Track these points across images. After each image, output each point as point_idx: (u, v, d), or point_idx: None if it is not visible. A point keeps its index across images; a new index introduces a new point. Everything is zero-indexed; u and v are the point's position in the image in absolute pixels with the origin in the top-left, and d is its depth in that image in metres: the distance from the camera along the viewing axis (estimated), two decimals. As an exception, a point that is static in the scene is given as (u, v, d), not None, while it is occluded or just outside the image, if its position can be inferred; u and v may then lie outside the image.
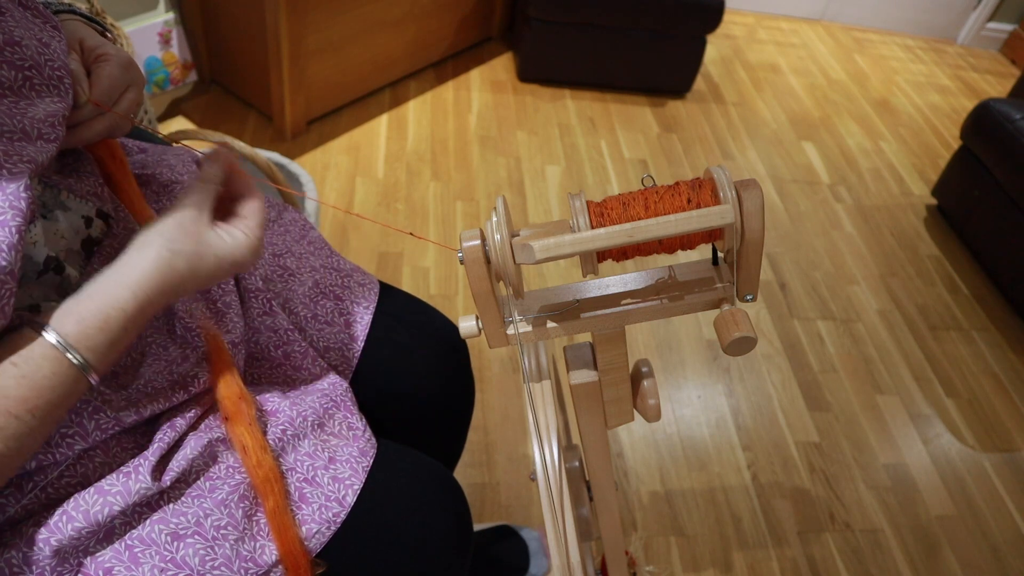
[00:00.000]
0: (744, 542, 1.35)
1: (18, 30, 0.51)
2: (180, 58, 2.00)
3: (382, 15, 2.04)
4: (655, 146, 2.34)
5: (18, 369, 0.46)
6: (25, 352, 0.47)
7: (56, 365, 0.47)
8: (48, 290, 0.51)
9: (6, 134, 0.48)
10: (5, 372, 0.46)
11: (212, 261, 0.53)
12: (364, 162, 2.01)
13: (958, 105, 2.98)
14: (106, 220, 0.57)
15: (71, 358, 0.48)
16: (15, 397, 0.46)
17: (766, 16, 3.38)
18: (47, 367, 0.47)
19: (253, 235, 0.56)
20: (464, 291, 1.69)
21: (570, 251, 0.50)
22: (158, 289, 0.51)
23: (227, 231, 0.55)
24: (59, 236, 0.53)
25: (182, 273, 0.52)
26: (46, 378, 0.47)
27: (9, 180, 0.46)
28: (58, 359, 0.48)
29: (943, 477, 1.54)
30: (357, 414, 0.70)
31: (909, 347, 1.84)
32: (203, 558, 0.56)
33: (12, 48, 0.50)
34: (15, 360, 0.46)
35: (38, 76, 0.52)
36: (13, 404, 0.46)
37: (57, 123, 0.52)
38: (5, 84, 0.50)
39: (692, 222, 0.49)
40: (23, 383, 0.46)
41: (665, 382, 1.62)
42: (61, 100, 0.53)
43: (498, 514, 1.30)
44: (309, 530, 0.60)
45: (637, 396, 0.67)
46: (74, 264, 0.54)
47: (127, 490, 0.54)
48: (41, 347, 0.47)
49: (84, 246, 0.55)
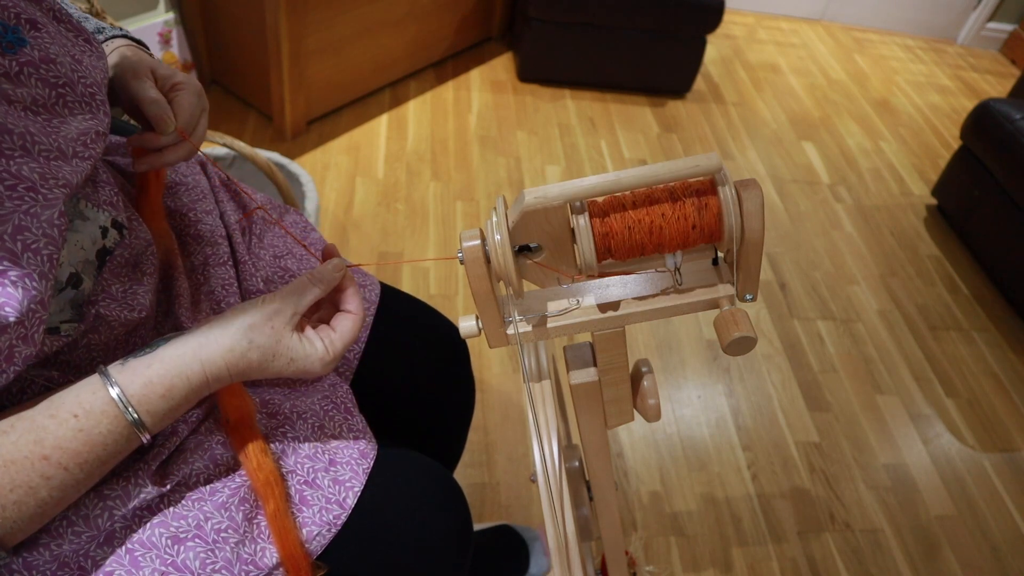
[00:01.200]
0: (744, 542, 1.35)
1: (53, 46, 0.51)
2: (180, 58, 2.00)
3: (382, 15, 2.04)
4: (655, 146, 2.34)
5: (78, 422, 0.47)
6: (88, 406, 0.48)
7: (114, 424, 0.49)
8: (64, 303, 0.51)
9: (43, 152, 0.47)
10: (66, 424, 0.47)
11: (284, 362, 0.54)
12: (364, 162, 2.01)
13: (958, 105, 2.98)
14: (120, 230, 0.57)
15: (130, 418, 0.49)
16: (69, 450, 0.47)
17: (766, 16, 3.38)
18: (105, 424, 0.48)
19: (332, 350, 0.56)
20: (464, 291, 1.69)
21: (559, 197, 0.50)
22: (226, 371, 0.52)
23: (310, 339, 0.55)
24: (79, 247, 0.53)
25: (252, 364, 0.53)
26: (101, 435, 0.48)
27: (44, 207, 0.45)
28: (117, 418, 0.49)
29: (943, 477, 1.54)
30: (357, 416, 0.70)
31: (909, 347, 1.84)
32: (204, 561, 0.56)
33: (47, 65, 0.50)
34: (77, 412, 0.48)
35: (71, 93, 0.51)
36: (66, 456, 0.47)
37: (90, 141, 0.51)
38: (40, 102, 0.49)
39: (681, 171, 0.49)
40: (79, 436, 0.47)
41: (665, 382, 1.62)
42: (93, 117, 0.53)
43: (498, 514, 1.31)
44: (310, 532, 0.60)
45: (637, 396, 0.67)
46: (88, 274, 0.54)
47: (127, 495, 0.54)
48: (103, 404, 0.48)
49: (98, 256, 0.55)
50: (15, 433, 0.46)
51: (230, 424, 0.60)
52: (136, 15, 1.84)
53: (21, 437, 0.46)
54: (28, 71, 0.48)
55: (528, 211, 0.51)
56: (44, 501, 0.47)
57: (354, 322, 0.58)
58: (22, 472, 0.46)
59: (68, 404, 0.48)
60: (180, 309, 0.63)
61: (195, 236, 0.71)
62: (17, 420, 0.47)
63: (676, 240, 0.53)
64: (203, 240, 0.71)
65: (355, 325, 0.58)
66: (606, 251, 0.53)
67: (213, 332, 0.52)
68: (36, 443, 0.46)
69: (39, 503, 0.47)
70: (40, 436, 0.46)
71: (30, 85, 0.48)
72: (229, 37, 1.94)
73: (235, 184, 0.79)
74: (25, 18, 0.50)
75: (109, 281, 0.56)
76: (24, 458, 0.46)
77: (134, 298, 0.57)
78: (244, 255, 0.74)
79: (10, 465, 0.45)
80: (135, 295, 0.58)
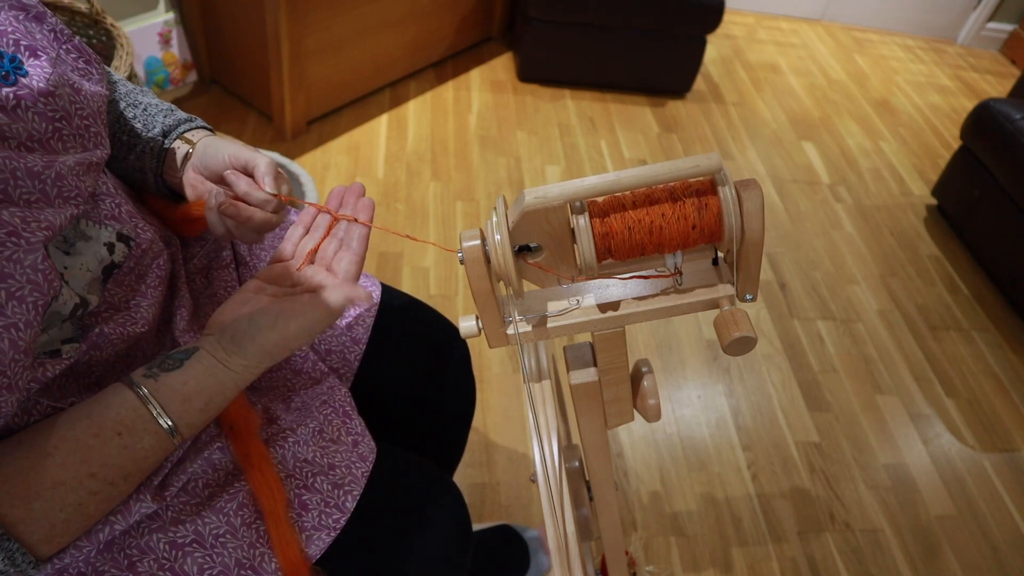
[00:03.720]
0: (744, 542, 1.35)
1: (53, 76, 0.49)
2: (180, 58, 2.00)
3: (382, 15, 2.04)
4: (655, 146, 2.34)
5: (122, 439, 0.48)
6: (129, 423, 0.49)
7: (156, 438, 0.50)
8: (68, 325, 0.51)
9: (24, 196, 0.45)
10: (110, 442, 0.48)
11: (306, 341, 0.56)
12: (364, 162, 2.01)
13: (958, 105, 2.98)
14: (128, 243, 0.56)
15: (170, 432, 0.50)
16: (115, 466, 0.48)
17: (766, 16, 3.38)
18: (148, 440, 0.50)
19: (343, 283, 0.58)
20: (464, 291, 1.69)
21: (559, 197, 0.50)
22: (255, 375, 0.55)
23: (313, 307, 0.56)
24: (85, 269, 0.52)
25: (272, 355, 0.55)
26: (144, 449, 0.50)
27: (27, 251, 0.44)
28: (158, 433, 0.50)
29: (943, 477, 1.54)
30: (357, 419, 0.70)
31: (909, 347, 1.84)
32: (202, 567, 0.56)
33: (46, 99, 0.48)
34: (120, 430, 0.48)
35: (67, 127, 0.50)
36: (112, 472, 0.48)
37: (81, 174, 0.50)
38: (35, 138, 0.47)
39: (681, 171, 0.49)
40: (125, 453, 0.49)
41: (665, 382, 1.62)
42: (85, 150, 0.51)
43: (498, 514, 1.30)
44: (309, 537, 0.60)
45: (637, 396, 0.67)
46: (95, 292, 0.53)
47: (128, 511, 0.54)
48: (144, 421, 0.49)
49: (104, 272, 0.54)
50: (60, 455, 0.46)
51: (232, 431, 0.60)
52: (136, 15, 1.84)
53: (67, 458, 0.47)
54: (26, 104, 0.46)
55: (528, 211, 0.51)
56: (91, 515, 0.48)
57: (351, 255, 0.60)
58: (71, 492, 0.46)
59: (109, 422, 0.48)
60: (180, 321, 0.63)
61: (197, 239, 0.71)
62: (60, 441, 0.47)
63: (676, 240, 0.53)
64: (205, 243, 0.71)
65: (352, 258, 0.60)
66: (606, 251, 0.53)
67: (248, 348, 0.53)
68: (83, 462, 0.47)
69: (86, 518, 0.48)
70: (86, 456, 0.47)
71: (27, 120, 0.46)
72: (229, 37, 1.94)
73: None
74: (25, 45, 0.48)
75: (114, 293, 0.56)
76: (71, 478, 0.46)
77: (137, 311, 0.57)
78: (245, 256, 0.74)
79: (59, 487, 0.46)
80: (138, 307, 0.57)
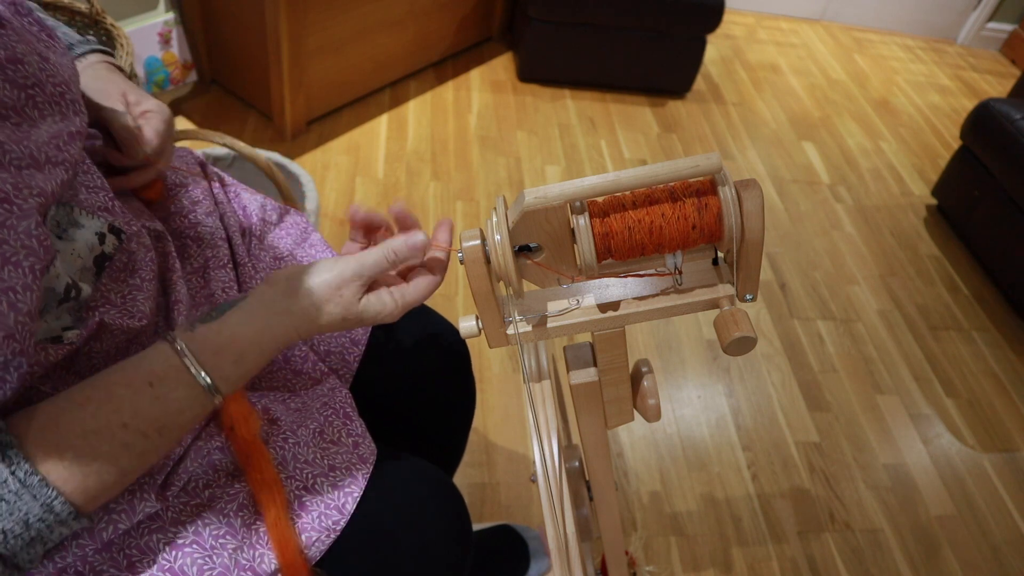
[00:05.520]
0: (744, 542, 1.35)
1: (20, 45, 0.48)
2: (180, 58, 2.00)
3: (382, 15, 2.04)
4: (655, 146, 2.34)
5: (154, 390, 0.48)
6: (161, 373, 0.49)
7: (189, 389, 0.50)
8: (62, 311, 0.51)
9: (14, 162, 0.45)
10: (142, 393, 0.48)
11: (354, 321, 0.56)
12: (364, 162, 2.01)
13: (958, 105, 2.98)
14: (118, 236, 0.57)
15: (204, 384, 0.50)
16: (148, 417, 0.48)
17: (766, 16, 3.38)
18: (181, 390, 0.49)
19: (401, 302, 0.58)
20: (464, 291, 1.69)
21: (559, 197, 0.50)
22: (296, 336, 0.54)
23: (378, 296, 0.57)
24: (75, 256, 0.52)
25: (323, 327, 0.55)
26: (177, 400, 0.49)
27: (20, 218, 0.44)
28: (191, 384, 0.50)
29: (943, 477, 1.54)
30: (357, 420, 0.70)
31: (909, 347, 1.84)
32: (201, 567, 0.55)
33: (14, 66, 0.47)
34: (152, 380, 0.48)
35: (40, 94, 0.49)
36: (145, 423, 0.48)
37: (63, 144, 0.50)
38: (8, 105, 0.47)
39: (681, 171, 0.49)
40: (156, 404, 0.48)
41: (665, 382, 1.62)
42: (64, 118, 0.51)
43: (498, 514, 1.30)
44: (309, 538, 0.60)
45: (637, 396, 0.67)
46: (87, 281, 0.53)
47: (132, 510, 0.54)
48: (176, 371, 0.49)
49: (96, 262, 0.54)
50: (92, 405, 0.46)
51: (233, 431, 0.60)
52: (136, 15, 1.84)
53: (99, 408, 0.46)
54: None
55: (528, 211, 0.51)
56: (124, 469, 0.47)
57: (429, 282, 0.59)
58: (103, 441, 0.46)
59: (142, 372, 0.48)
60: (179, 317, 0.63)
61: (195, 239, 0.71)
62: (92, 391, 0.47)
63: (676, 240, 0.53)
64: (203, 243, 0.71)
65: (429, 285, 0.59)
66: (606, 251, 0.53)
67: (278, 301, 0.54)
68: (115, 412, 0.47)
69: (120, 471, 0.47)
70: (118, 405, 0.47)
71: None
72: (229, 37, 1.94)
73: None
74: None
75: (109, 287, 0.56)
76: (103, 427, 0.46)
77: (134, 304, 0.57)
78: (244, 257, 0.74)
79: (91, 435, 0.45)
80: (135, 301, 0.57)
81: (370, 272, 0.56)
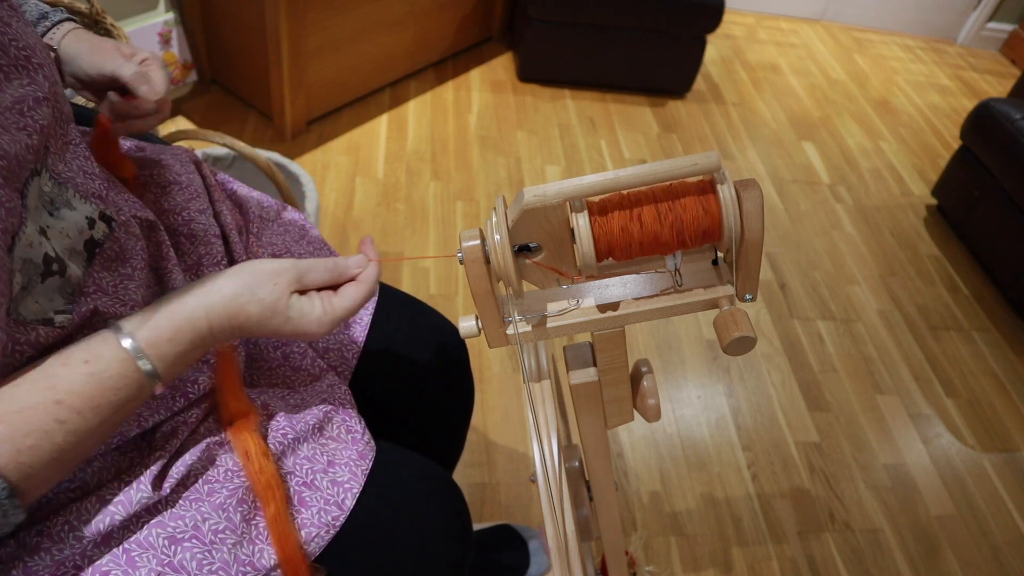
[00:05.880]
0: (744, 542, 1.35)
1: None
2: (180, 58, 2.00)
3: (382, 15, 2.04)
4: (655, 146, 2.34)
5: (88, 367, 0.48)
6: (97, 351, 0.49)
7: (124, 367, 0.49)
8: (53, 293, 0.51)
9: None
10: (77, 369, 0.48)
11: (281, 320, 0.56)
12: (364, 162, 2.01)
13: (958, 105, 2.98)
14: (109, 223, 0.57)
15: (140, 363, 0.50)
16: (82, 394, 0.47)
17: (766, 16, 3.38)
18: (116, 368, 0.49)
19: (331, 314, 0.57)
20: (464, 291, 1.69)
21: (558, 196, 0.50)
22: (227, 320, 0.54)
23: (309, 299, 0.57)
24: (64, 235, 0.52)
25: (250, 316, 0.54)
26: (112, 379, 0.49)
27: None
28: (127, 361, 0.49)
29: (943, 477, 1.54)
30: (356, 417, 0.70)
31: (909, 347, 1.84)
32: (200, 562, 0.55)
33: None
34: (87, 358, 0.48)
35: (3, 57, 0.48)
36: (79, 401, 0.47)
37: (26, 109, 0.49)
38: None
39: (680, 170, 0.49)
40: (91, 381, 0.48)
41: (665, 382, 1.62)
42: (32, 82, 0.51)
43: (498, 514, 1.30)
44: (308, 534, 0.60)
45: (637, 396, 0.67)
46: (77, 263, 0.53)
47: (128, 500, 0.54)
48: (112, 348, 0.49)
49: (86, 247, 0.55)
50: (28, 382, 0.47)
51: (232, 426, 0.60)
52: (136, 15, 1.84)
53: (34, 384, 0.47)
54: None
55: (527, 210, 0.51)
56: (59, 447, 0.47)
57: (358, 291, 0.59)
58: (36, 416, 0.46)
59: (78, 352, 0.48)
60: None
61: (188, 235, 0.70)
62: (29, 370, 0.47)
63: (675, 240, 0.53)
64: (197, 239, 0.70)
65: (359, 293, 0.59)
66: (606, 251, 0.53)
67: (218, 281, 0.54)
68: (49, 389, 0.47)
69: (54, 448, 0.47)
70: (53, 383, 0.47)
71: None
72: (229, 37, 1.94)
73: None
74: None
75: (101, 276, 0.56)
76: (38, 403, 0.46)
77: (126, 293, 0.57)
78: (241, 254, 0.74)
79: (25, 411, 0.45)
80: (127, 290, 0.58)
81: (305, 269, 0.57)
